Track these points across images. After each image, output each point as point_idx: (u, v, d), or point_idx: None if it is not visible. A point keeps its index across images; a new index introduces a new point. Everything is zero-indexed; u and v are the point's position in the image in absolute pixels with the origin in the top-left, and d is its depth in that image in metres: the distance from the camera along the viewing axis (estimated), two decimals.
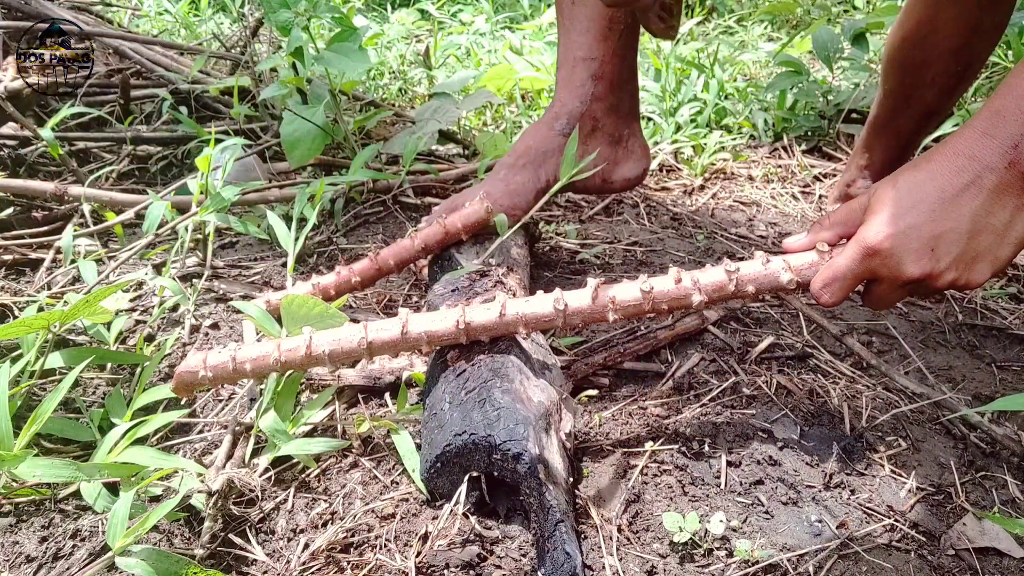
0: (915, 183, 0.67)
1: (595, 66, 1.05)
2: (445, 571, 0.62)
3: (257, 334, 0.98)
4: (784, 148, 1.86)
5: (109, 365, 0.95)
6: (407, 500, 0.72)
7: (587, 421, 0.84)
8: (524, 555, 0.64)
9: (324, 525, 0.70)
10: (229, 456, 0.79)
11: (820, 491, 0.76)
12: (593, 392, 0.90)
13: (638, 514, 0.72)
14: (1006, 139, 0.64)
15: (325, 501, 0.73)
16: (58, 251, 1.22)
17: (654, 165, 1.74)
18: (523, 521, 0.68)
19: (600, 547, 0.68)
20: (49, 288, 1.13)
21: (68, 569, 0.66)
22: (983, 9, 1.12)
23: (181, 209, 1.30)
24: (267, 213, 1.20)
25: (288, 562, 0.66)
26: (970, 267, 0.67)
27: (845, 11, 2.92)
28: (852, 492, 0.76)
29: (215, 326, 1.04)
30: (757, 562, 0.66)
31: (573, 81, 1.07)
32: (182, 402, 0.87)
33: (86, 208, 1.32)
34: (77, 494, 0.73)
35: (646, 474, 0.77)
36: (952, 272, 0.67)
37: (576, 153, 1.10)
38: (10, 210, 1.33)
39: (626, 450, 0.80)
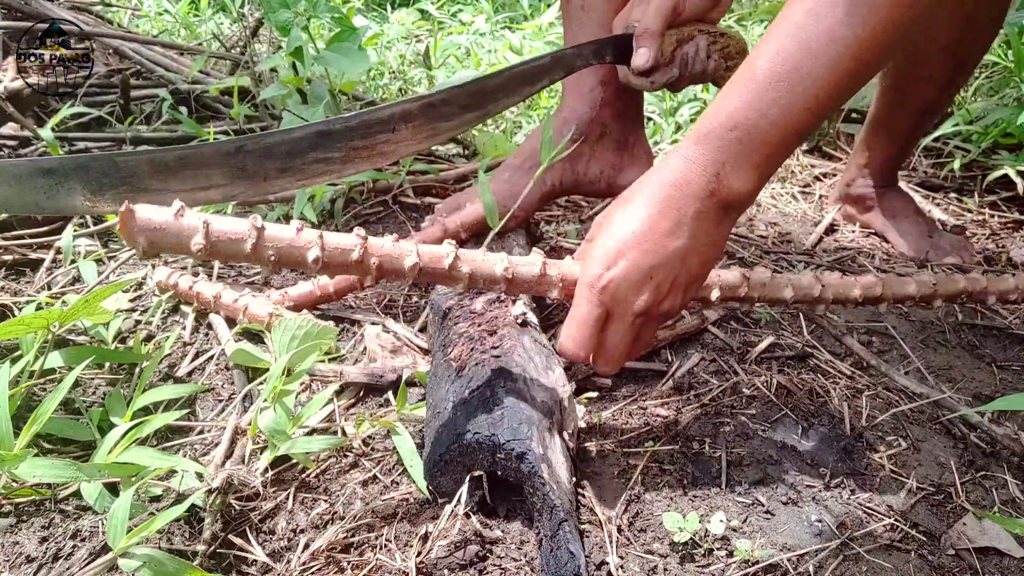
0: (628, 217, 0.68)
1: (603, 72, 1.05)
2: (446, 571, 0.62)
3: (231, 332, 0.99)
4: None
5: (109, 365, 0.95)
6: (408, 500, 0.72)
7: (588, 421, 0.84)
8: (525, 555, 0.64)
9: (324, 525, 0.70)
10: (228, 456, 0.79)
11: (820, 491, 0.76)
12: (594, 392, 0.90)
13: (638, 514, 0.72)
14: (710, 167, 0.66)
15: (325, 501, 0.73)
16: (58, 251, 1.22)
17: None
18: (524, 521, 0.68)
19: (601, 547, 0.68)
20: (49, 288, 1.13)
21: (68, 569, 0.66)
22: (978, 3, 1.13)
23: None
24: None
25: (288, 562, 0.66)
26: (686, 288, 0.71)
27: None
28: (852, 492, 0.76)
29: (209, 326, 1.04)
30: (757, 562, 0.66)
31: (582, 87, 1.07)
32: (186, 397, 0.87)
33: None
34: (77, 494, 0.73)
35: (646, 474, 0.77)
36: (670, 299, 0.69)
37: (584, 158, 1.10)
38: None
39: (626, 450, 0.80)
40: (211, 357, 0.98)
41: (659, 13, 0.91)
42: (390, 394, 0.90)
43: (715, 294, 0.80)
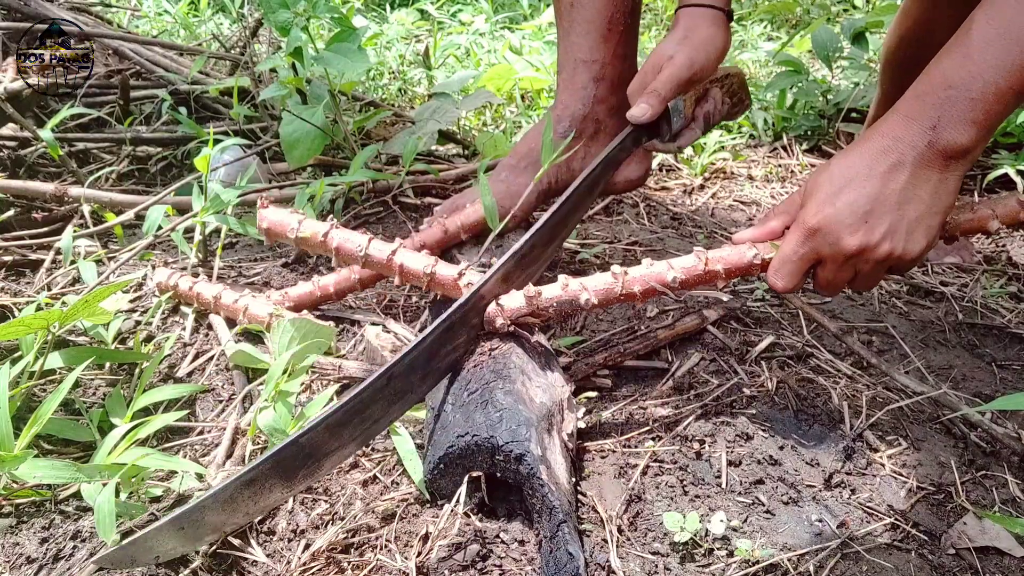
0: (846, 165, 0.72)
1: (596, 68, 1.05)
2: (446, 571, 0.62)
3: (231, 332, 0.99)
4: (784, 147, 1.87)
5: (109, 365, 0.95)
6: (407, 500, 0.72)
7: (588, 421, 0.84)
8: (525, 555, 0.64)
9: (324, 526, 0.70)
10: (228, 456, 0.79)
11: (820, 491, 0.76)
12: (593, 392, 0.90)
13: (639, 514, 0.72)
14: (925, 121, 0.70)
15: (325, 502, 0.73)
16: (58, 252, 1.22)
17: (654, 165, 1.74)
18: (524, 521, 0.68)
19: (601, 547, 0.67)
20: (49, 289, 1.13)
21: (68, 570, 0.66)
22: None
23: (181, 210, 1.30)
24: None
25: (288, 563, 0.66)
26: (905, 238, 0.72)
27: (845, 10, 2.92)
28: (852, 491, 0.76)
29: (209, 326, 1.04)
30: (757, 562, 0.66)
31: (575, 84, 1.07)
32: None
33: (86, 209, 1.32)
34: (77, 495, 0.73)
35: (647, 474, 0.77)
36: (888, 243, 0.72)
37: (579, 155, 1.09)
38: (10, 211, 1.33)
39: (627, 450, 0.80)
40: (211, 357, 0.98)
41: (671, 80, 0.94)
42: None
43: (994, 224, 0.82)
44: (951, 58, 0.70)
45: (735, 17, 3.02)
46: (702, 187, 1.67)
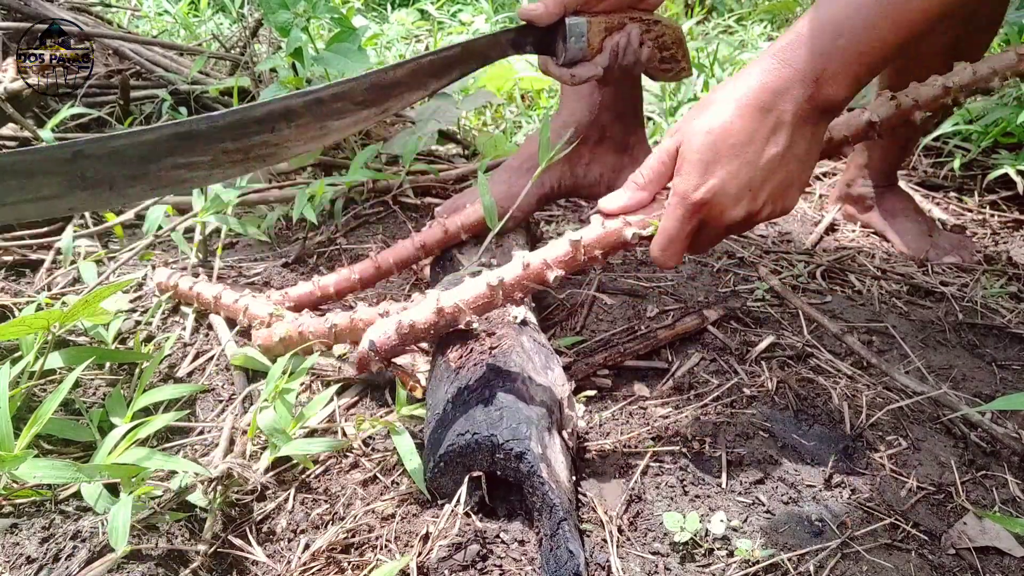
0: (723, 129, 0.66)
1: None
2: (446, 571, 0.62)
3: (231, 332, 0.99)
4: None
5: (109, 365, 0.95)
6: (407, 500, 0.72)
7: (588, 421, 0.84)
8: (525, 554, 0.64)
9: (324, 525, 0.70)
10: (228, 453, 0.79)
11: (820, 490, 0.76)
12: (593, 392, 0.90)
13: (639, 513, 0.72)
14: (809, 72, 0.64)
15: (325, 501, 0.73)
16: (58, 252, 1.22)
17: None
18: (524, 520, 0.68)
19: (602, 547, 0.68)
20: (49, 289, 1.13)
21: (68, 570, 0.66)
22: (976, 5, 1.12)
23: (181, 210, 1.30)
24: None
25: (289, 563, 0.66)
26: (783, 196, 0.69)
27: None
28: (852, 491, 0.76)
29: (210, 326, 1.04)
30: (758, 562, 0.66)
31: (581, 90, 1.07)
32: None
33: None
34: (77, 495, 0.73)
35: (647, 474, 0.77)
36: (769, 206, 0.69)
37: (584, 160, 1.10)
38: None
39: (627, 450, 0.80)
40: (211, 357, 0.98)
41: None
42: (389, 395, 0.90)
43: (917, 116, 0.81)
44: (844, 4, 0.64)
45: (736, 17, 3.02)
46: None
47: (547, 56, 0.90)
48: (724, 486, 0.75)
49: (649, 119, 1.95)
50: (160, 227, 1.19)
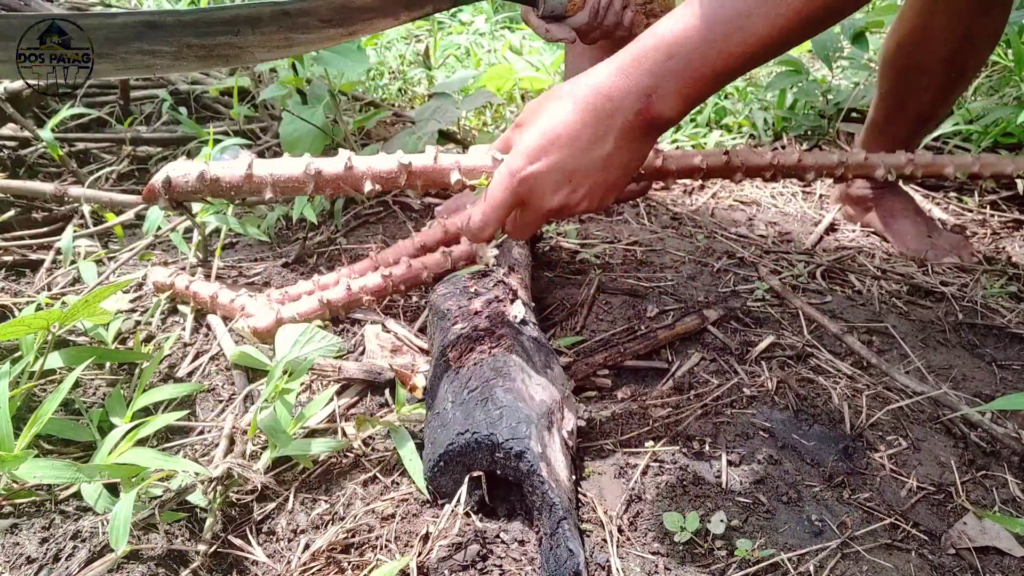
0: (559, 116, 0.69)
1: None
2: (446, 571, 0.62)
3: (227, 329, 0.99)
4: (784, 147, 1.86)
5: (109, 365, 0.95)
6: (408, 500, 0.72)
7: (588, 420, 0.84)
8: (525, 554, 0.64)
9: (324, 525, 0.70)
10: (228, 453, 0.79)
11: (820, 490, 0.76)
12: (593, 392, 0.90)
13: (639, 513, 0.72)
14: (642, 87, 0.67)
15: (325, 502, 0.73)
16: (58, 252, 1.22)
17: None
18: (524, 521, 0.68)
19: (602, 547, 0.67)
20: (49, 289, 1.13)
21: (68, 570, 0.66)
22: (975, 18, 1.13)
23: None
24: None
25: (289, 563, 0.66)
26: (599, 196, 0.73)
27: None
28: (852, 491, 0.76)
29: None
30: (758, 562, 0.66)
31: (580, 69, 1.07)
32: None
33: (86, 209, 1.32)
34: (77, 495, 0.73)
35: (647, 473, 0.77)
36: (585, 202, 0.72)
37: None
38: (10, 211, 1.32)
39: (627, 449, 0.80)
40: (211, 357, 0.98)
41: None
42: (389, 395, 0.90)
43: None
44: (679, 25, 0.66)
45: None
46: (702, 187, 1.67)
47: (528, 6, 0.91)
48: (724, 486, 0.75)
49: None
50: (160, 227, 1.19)
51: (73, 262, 1.16)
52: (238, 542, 0.69)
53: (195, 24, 0.72)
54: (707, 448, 0.80)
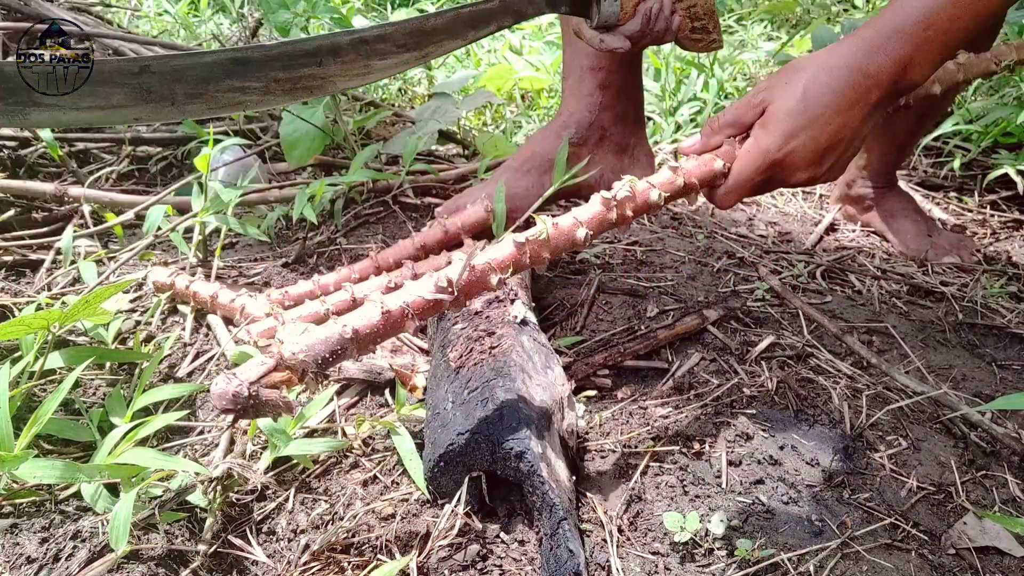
0: (816, 96, 0.71)
1: (602, 75, 1.05)
2: (446, 571, 0.62)
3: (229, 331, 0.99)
4: None
5: (109, 365, 0.95)
6: (407, 500, 0.72)
7: (588, 421, 0.84)
8: (525, 554, 0.64)
9: (324, 525, 0.70)
10: (228, 453, 0.79)
11: (820, 490, 0.76)
12: (593, 392, 0.90)
13: (639, 513, 0.72)
14: (899, 60, 0.70)
15: (325, 501, 0.73)
16: (58, 252, 1.22)
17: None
18: (524, 521, 0.68)
19: (602, 547, 0.67)
20: (49, 289, 1.13)
21: (68, 570, 0.66)
22: None
23: (181, 210, 1.30)
24: None
25: (289, 563, 0.66)
26: (841, 166, 0.75)
27: (845, 10, 2.92)
28: (852, 491, 0.76)
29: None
30: (758, 562, 0.66)
31: (581, 91, 1.07)
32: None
33: (86, 209, 1.32)
34: (77, 495, 0.73)
35: (647, 474, 0.77)
36: (827, 174, 0.75)
37: (585, 161, 1.10)
38: (10, 211, 1.32)
39: (627, 450, 0.80)
40: (211, 357, 0.98)
41: None
42: (389, 395, 0.90)
43: (936, 88, 0.87)
44: None
45: (736, 17, 3.02)
46: None
47: (581, 18, 0.92)
48: (724, 486, 0.75)
49: (649, 119, 1.95)
50: (160, 227, 1.19)
51: (73, 262, 1.16)
52: (238, 542, 0.69)
53: (280, 58, 0.73)
54: (707, 448, 0.80)
